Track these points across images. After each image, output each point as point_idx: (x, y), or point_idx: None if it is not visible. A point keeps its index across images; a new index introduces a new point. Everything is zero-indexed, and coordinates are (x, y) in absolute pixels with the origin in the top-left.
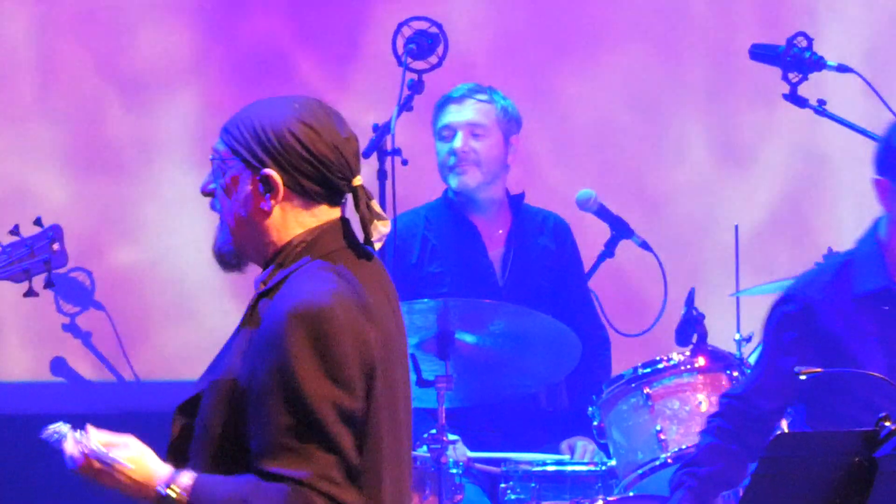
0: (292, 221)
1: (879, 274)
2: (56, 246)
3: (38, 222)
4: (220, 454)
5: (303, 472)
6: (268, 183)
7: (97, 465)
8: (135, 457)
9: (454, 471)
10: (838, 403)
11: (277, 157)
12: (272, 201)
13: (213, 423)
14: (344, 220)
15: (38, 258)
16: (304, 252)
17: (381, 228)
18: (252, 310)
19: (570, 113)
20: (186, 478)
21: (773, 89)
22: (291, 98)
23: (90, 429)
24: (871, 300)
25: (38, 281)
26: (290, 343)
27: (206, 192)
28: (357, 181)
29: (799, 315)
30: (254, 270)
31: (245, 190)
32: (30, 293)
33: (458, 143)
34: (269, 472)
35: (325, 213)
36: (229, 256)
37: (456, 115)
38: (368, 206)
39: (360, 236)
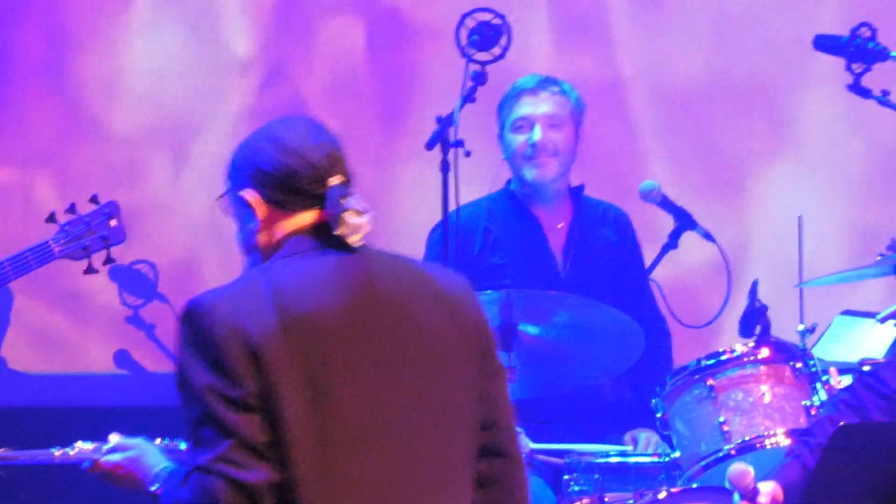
0: (277, 233)
1: None
2: (114, 222)
3: (94, 199)
4: None
5: (203, 458)
6: (247, 203)
7: (101, 468)
8: (133, 457)
9: None
10: None
11: (250, 177)
12: (256, 219)
13: None
14: (319, 223)
15: (96, 234)
16: (268, 257)
17: (348, 220)
18: None
19: (631, 103)
20: (165, 473)
21: (838, 79)
22: (273, 120)
23: (111, 436)
24: None
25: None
26: (178, 342)
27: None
28: (332, 181)
29: None
30: None
31: (238, 215)
32: (89, 270)
33: (537, 135)
34: (190, 461)
35: (302, 219)
36: None
37: (532, 107)
38: (338, 203)
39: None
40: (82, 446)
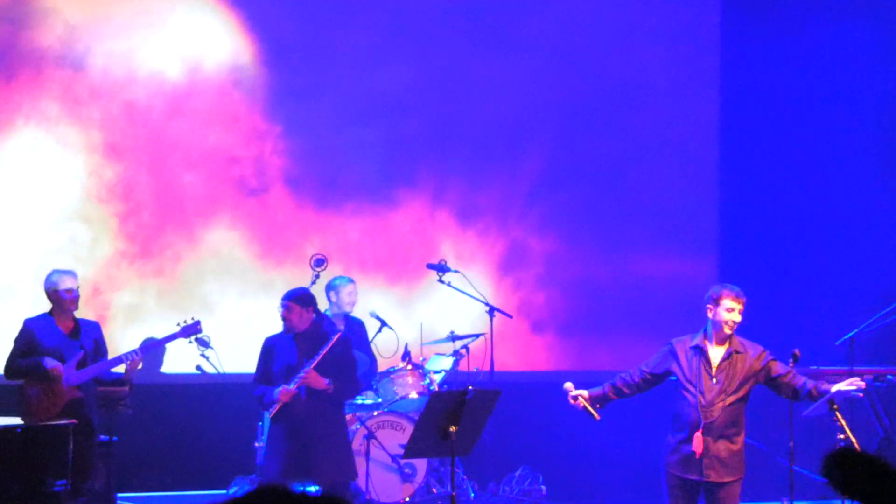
0: None
1: None
2: (199, 328)
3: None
4: None
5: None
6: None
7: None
8: None
9: None
10: None
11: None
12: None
13: None
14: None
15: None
16: None
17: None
18: None
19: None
20: None
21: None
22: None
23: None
24: None
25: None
26: None
27: None
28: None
29: None
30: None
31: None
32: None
33: (350, 298)
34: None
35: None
36: None
37: (345, 285)
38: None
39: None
40: None
